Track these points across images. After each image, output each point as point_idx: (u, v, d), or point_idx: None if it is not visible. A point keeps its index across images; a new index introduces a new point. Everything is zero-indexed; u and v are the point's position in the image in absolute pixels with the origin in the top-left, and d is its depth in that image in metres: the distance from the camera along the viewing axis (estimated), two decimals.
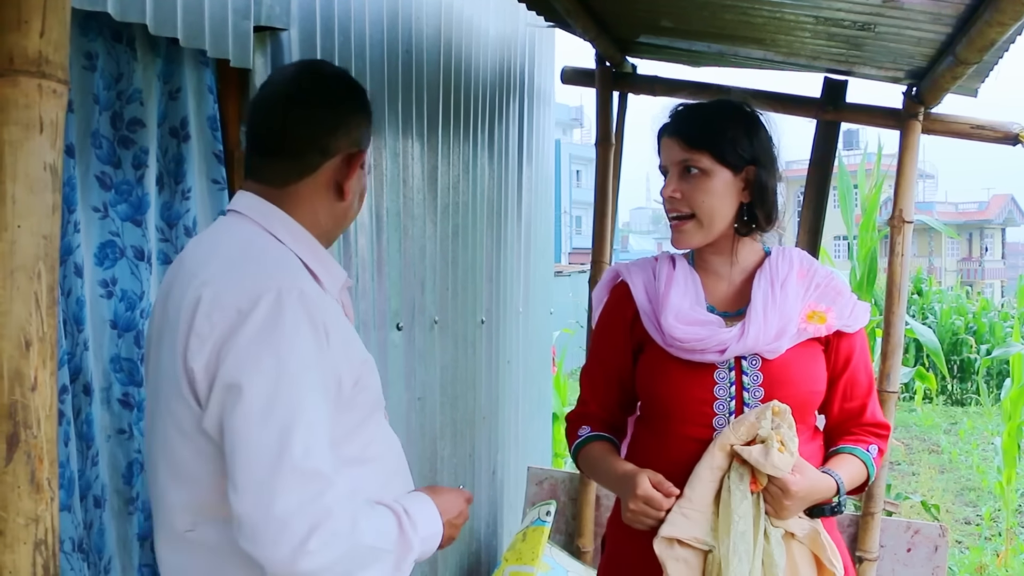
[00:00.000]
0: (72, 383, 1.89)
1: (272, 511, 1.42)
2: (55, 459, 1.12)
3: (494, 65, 4.21)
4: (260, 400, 1.45)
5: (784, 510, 1.95)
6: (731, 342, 2.02)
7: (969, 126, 3.49)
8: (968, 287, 29.83)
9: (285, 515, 1.42)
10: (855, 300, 2.14)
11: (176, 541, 1.59)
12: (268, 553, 1.43)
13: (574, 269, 16.32)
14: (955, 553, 6.68)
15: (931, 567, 3.46)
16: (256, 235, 1.64)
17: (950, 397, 15.19)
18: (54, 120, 1.10)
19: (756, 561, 1.95)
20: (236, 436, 1.45)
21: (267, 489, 1.43)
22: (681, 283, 2.13)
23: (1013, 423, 7.15)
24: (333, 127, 1.67)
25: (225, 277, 1.53)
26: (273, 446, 1.44)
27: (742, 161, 2.05)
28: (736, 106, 2.14)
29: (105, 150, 2.02)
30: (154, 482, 1.62)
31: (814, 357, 2.09)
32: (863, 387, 2.14)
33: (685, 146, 2.05)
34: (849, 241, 6.74)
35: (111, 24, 1.97)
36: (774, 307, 2.05)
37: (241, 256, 1.59)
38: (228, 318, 1.48)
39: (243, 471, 1.44)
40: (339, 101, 1.71)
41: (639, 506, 1.98)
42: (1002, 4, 2.21)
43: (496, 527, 4.38)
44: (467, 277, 3.90)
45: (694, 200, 2.05)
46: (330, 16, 2.70)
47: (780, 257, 2.14)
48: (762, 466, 1.92)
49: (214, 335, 1.48)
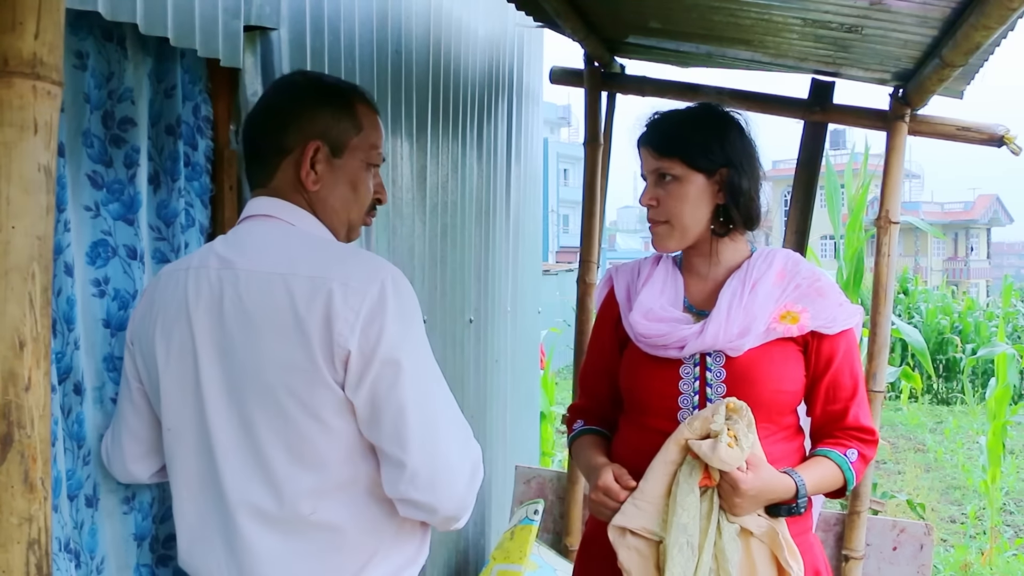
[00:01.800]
0: (62, 382, 1.89)
1: (447, 459, 1.69)
2: (48, 459, 1.13)
3: (483, 65, 4.22)
4: (418, 370, 1.67)
5: (735, 507, 1.98)
6: (691, 339, 2.08)
7: (955, 128, 3.52)
8: (954, 287, 29.98)
9: (455, 460, 1.70)
10: (840, 302, 2.16)
11: (295, 528, 1.72)
12: (447, 494, 1.69)
13: (561, 268, 16.36)
14: (940, 551, 6.73)
15: (916, 565, 3.48)
16: (299, 231, 1.80)
17: (936, 396, 15.27)
18: (48, 121, 1.10)
19: (705, 555, 1.98)
20: (403, 403, 1.65)
21: (436, 441, 1.67)
22: (659, 282, 2.21)
23: (997, 422, 7.21)
24: (284, 125, 1.81)
25: (333, 268, 1.68)
26: (434, 406, 1.69)
27: (714, 164, 2.10)
28: (708, 109, 2.19)
29: (96, 149, 2.01)
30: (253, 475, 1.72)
31: (786, 357, 2.11)
32: (847, 390, 2.14)
33: (657, 154, 2.12)
34: (836, 241, 6.77)
35: (102, 23, 1.97)
36: (739, 306, 2.09)
37: (322, 249, 1.76)
38: (369, 302, 1.64)
39: (414, 431, 1.65)
40: (294, 100, 1.84)
41: (598, 496, 2.09)
42: (987, 7, 2.23)
43: (484, 526, 4.39)
44: (455, 276, 3.91)
45: (668, 207, 2.13)
46: (320, 16, 2.71)
47: (761, 258, 2.18)
48: (709, 460, 1.95)
49: (360, 319, 1.63)
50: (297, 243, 1.75)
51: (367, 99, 1.91)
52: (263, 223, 1.80)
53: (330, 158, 1.81)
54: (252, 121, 1.89)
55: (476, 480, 1.74)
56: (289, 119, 1.81)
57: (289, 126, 1.81)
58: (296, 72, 2.24)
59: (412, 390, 1.65)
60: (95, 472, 1.99)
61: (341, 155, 1.82)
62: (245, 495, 1.71)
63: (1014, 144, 3.41)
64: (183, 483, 1.79)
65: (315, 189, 1.81)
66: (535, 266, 5.38)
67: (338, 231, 1.87)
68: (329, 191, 1.82)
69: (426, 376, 1.70)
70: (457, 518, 1.74)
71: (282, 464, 1.69)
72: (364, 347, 1.63)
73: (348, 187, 1.84)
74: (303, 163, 1.79)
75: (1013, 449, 10.49)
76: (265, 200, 1.82)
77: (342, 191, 1.84)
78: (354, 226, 1.90)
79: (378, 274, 1.67)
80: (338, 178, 1.83)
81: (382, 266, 1.70)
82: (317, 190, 1.81)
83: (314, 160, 1.79)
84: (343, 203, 1.85)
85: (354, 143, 1.84)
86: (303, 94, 1.85)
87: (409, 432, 1.64)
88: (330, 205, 1.84)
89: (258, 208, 1.82)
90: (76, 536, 1.92)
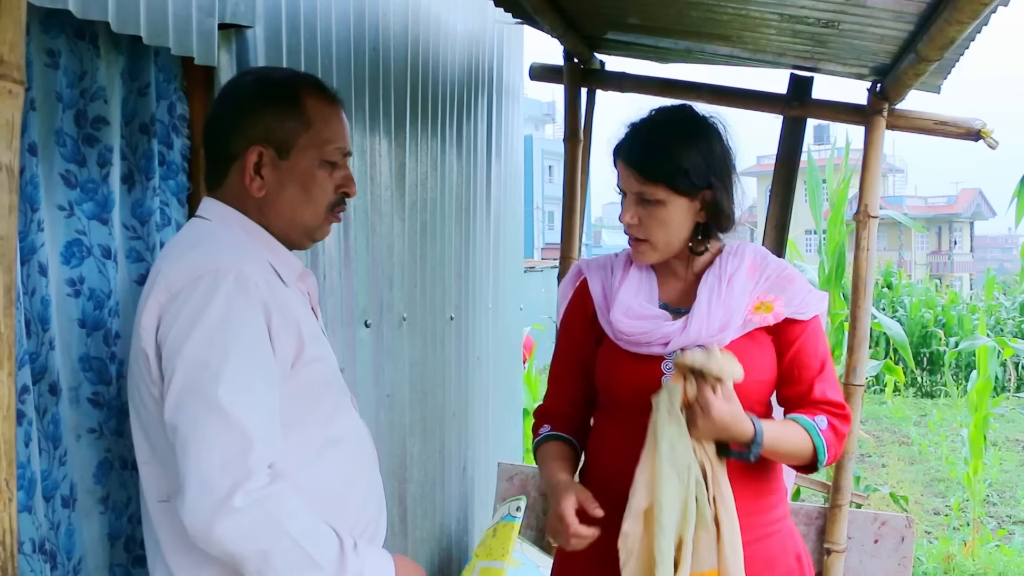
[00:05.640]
0: (36, 383, 1.88)
1: (198, 464, 1.58)
2: (13, 460, 1.12)
3: (462, 62, 4.21)
4: (193, 371, 1.61)
5: (696, 429, 1.96)
6: (674, 335, 2.10)
7: (932, 122, 3.54)
8: (937, 280, 30.09)
9: (204, 468, 1.58)
10: (808, 289, 2.17)
11: (154, 511, 1.76)
12: (188, 508, 1.57)
13: (547, 264, 16.34)
14: (924, 543, 6.76)
15: (898, 557, 3.50)
16: (214, 229, 1.80)
17: (920, 389, 15.33)
18: (10, 120, 1.09)
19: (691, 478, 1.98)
20: (176, 402, 1.62)
21: (187, 445, 1.59)
22: (635, 281, 2.21)
23: (979, 415, 7.24)
24: (227, 131, 1.82)
25: (168, 263, 1.71)
26: (199, 409, 1.60)
27: (697, 189, 2.08)
28: (690, 122, 2.14)
29: (69, 148, 2.00)
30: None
31: (761, 347, 2.13)
32: (812, 370, 2.14)
33: (641, 178, 2.08)
34: (818, 235, 6.79)
35: (73, 21, 1.96)
36: (719, 301, 2.11)
37: (190, 246, 1.75)
38: (171, 299, 1.66)
39: (179, 432, 1.60)
40: (235, 104, 1.85)
41: (553, 523, 2.06)
42: (960, 3, 2.24)
43: (466, 523, 4.39)
44: (436, 274, 3.91)
45: (650, 228, 2.11)
46: (296, 13, 2.70)
47: (732, 253, 2.18)
48: (705, 365, 1.93)
49: (163, 317, 1.66)
50: (191, 240, 1.79)
51: (320, 90, 1.88)
52: (193, 224, 1.85)
53: (276, 161, 1.79)
54: (205, 126, 1.91)
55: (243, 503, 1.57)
56: (231, 125, 1.81)
57: (231, 132, 1.80)
58: (245, 71, 2.23)
59: (184, 390, 1.62)
60: (72, 472, 1.98)
61: (288, 156, 1.80)
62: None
63: (991, 138, 3.43)
64: None
65: (261, 195, 1.80)
66: (516, 263, 5.38)
67: (290, 236, 1.87)
68: (277, 196, 1.81)
69: (203, 378, 1.62)
70: (201, 537, 1.60)
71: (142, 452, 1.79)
72: (162, 342, 1.67)
73: (298, 189, 1.82)
74: (246, 170, 1.79)
75: (996, 441, 10.54)
76: (206, 202, 1.85)
77: (291, 194, 1.82)
78: (311, 229, 1.88)
79: (199, 270, 1.67)
80: (286, 181, 1.81)
81: (212, 264, 1.68)
82: (264, 196, 1.80)
83: (259, 165, 1.78)
84: (292, 207, 1.83)
85: (303, 142, 1.81)
86: (244, 97, 1.84)
87: (176, 433, 1.62)
88: (279, 210, 1.82)
89: (199, 210, 1.86)
90: (52, 537, 1.91)
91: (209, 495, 1.56)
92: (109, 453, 2.07)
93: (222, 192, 1.84)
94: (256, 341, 1.67)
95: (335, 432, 1.88)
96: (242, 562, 1.59)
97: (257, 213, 1.83)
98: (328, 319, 2.91)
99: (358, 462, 1.94)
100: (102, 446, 2.06)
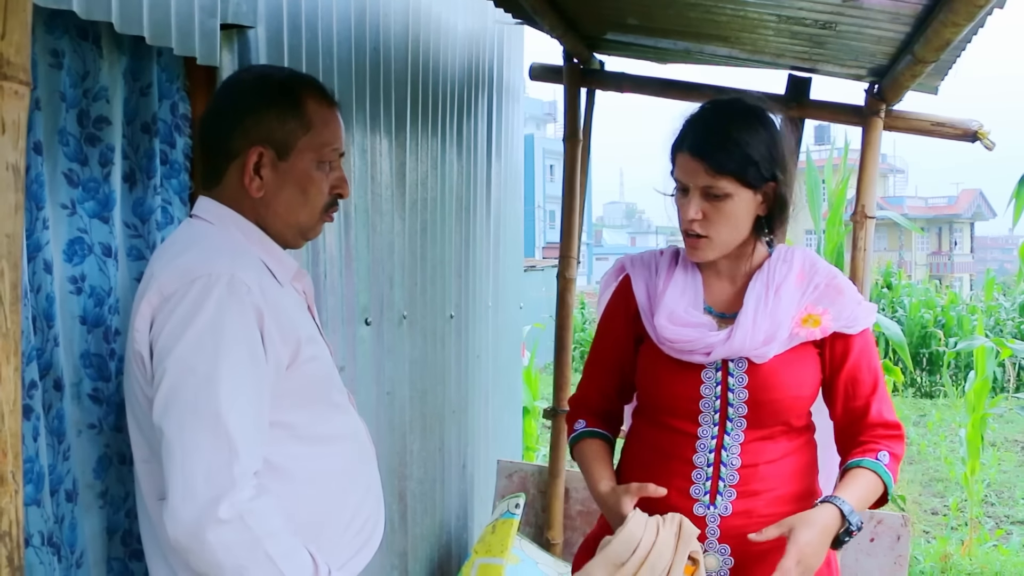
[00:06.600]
0: (43, 379, 1.90)
1: (183, 472, 1.59)
2: (19, 453, 1.14)
3: (462, 62, 4.23)
4: (180, 376, 1.62)
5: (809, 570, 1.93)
6: (717, 345, 2.05)
7: (930, 123, 3.55)
8: (937, 281, 30.03)
9: (189, 476, 1.59)
10: (858, 300, 2.12)
11: (153, 509, 1.78)
12: (170, 514, 1.59)
13: (548, 263, 16.35)
14: (922, 543, 6.76)
15: (894, 556, 3.52)
16: (210, 230, 1.80)
17: (919, 390, 15.32)
18: (16, 121, 1.11)
19: None
20: (164, 405, 1.63)
21: (173, 451, 1.61)
22: (680, 283, 2.15)
23: (976, 415, 7.24)
24: (227, 129, 1.81)
25: (166, 266, 1.71)
26: (186, 415, 1.61)
27: (763, 181, 2.03)
28: (755, 116, 2.06)
29: (72, 147, 2.02)
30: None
31: (805, 361, 2.09)
32: (867, 386, 2.09)
33: (711, 171, 2.00)
34: (817, 236, 6.80)
35: (77, 22, 1.97)
36: (765, 312, 2.06)
37: (185, 248, 1.75)
38: (163, 302, 1.67)
39: (166, 437, 1.62)
40: (236, 103, 1.84)
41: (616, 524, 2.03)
42: (955, 5, 2.26)
43: (466, 520, 4.41)
44: (436, 272, 3.92)
45: (715, 224, 2.04)
46: (297, 13, 2.71)
47: (780, 259, 2.13)
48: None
49: (155, 319, 1.67)
50: (185, 242, 1.79)
51: (320, 92, 1.89)
52: (188, 224, 1.85)
53: (276, 162, 1.81)
54: (202, 123, 1.91)
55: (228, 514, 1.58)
56: (232, 123, 1.81)
57: (232, 130, 1.80)
58: (244, 69, 2.24)
59: (171, 394, 1.63)
60: (74, 467, 2.00)
61: (288, 157, 1.82)
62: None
63: (988, 139, 3.45)
64: None
65: (259, 196, 1.82)
66: (516, 261, 5.39)
67: (285, 236, 1.88)
68: (274, 196, 1.83)
69: (190, 383, 1.63)
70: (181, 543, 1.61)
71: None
72: (154, 344, 1.68)
73: (296, 190, 1.84)
74: (246, 170, 1.80)
75: (995, 441, 10.55)
76: (202, 201, 1.85)
77: (289, 195, 1.84)
78: (305, 229, 1.90)
79: (192, 274, 1.67)
80: (285, 182, 1.83)
81: (206, 267, 1.69)
82: (262, 196, 1.82)
83: (258, 166, 1.80)
84: (289, 208, 1.85)
85: (302, 144, 1.83)
86: (246, 96, 1.84)
87: (162, 436, 1.63)
88: (275, 211, 1.84)
89: (195, 209, 1.86)
90: (57, 531, 1.93)
91: (192, 503, 1.58)
92: (108, 448, 2.09)
93: (219, 191, 1.85)
94: (246, 347, 1.67)
95: (332, 430, 1.90)
96: (218, 573, 1.60)
97: (254, 213, 1.84)
98: (329, 317, 2.93)
99: (355, 459, 1.96)
100: (102, 441, 2.08)
